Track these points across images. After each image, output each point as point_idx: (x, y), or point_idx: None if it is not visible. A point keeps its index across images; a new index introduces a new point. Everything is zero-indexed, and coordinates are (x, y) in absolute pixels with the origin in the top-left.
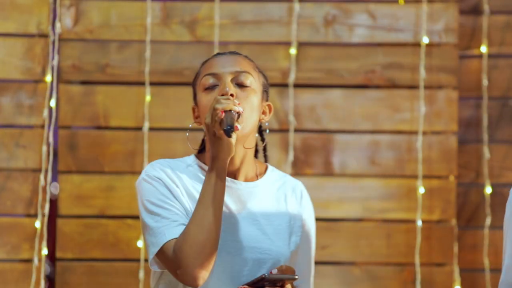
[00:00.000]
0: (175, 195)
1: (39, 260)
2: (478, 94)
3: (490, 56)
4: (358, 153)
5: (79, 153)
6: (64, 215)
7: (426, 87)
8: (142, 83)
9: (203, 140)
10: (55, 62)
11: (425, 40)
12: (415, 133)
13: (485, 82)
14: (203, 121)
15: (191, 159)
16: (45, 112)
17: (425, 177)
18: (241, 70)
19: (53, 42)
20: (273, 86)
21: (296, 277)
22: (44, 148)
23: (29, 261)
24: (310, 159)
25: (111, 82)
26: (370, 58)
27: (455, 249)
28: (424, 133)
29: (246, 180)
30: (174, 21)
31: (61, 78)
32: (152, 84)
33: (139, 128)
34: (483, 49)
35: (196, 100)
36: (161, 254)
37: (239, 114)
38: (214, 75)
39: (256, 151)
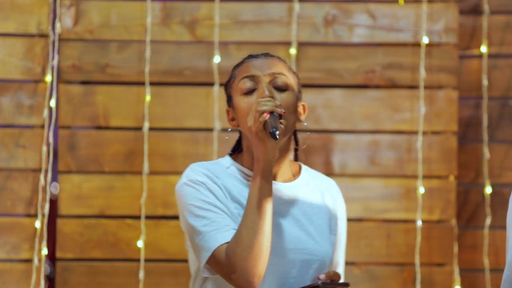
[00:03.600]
0: (219, 198)
1: (39, 260)
2: (478, 94)
3: (490, 56)
4: (358, 153)
5: (79, 153)
6: (64, 215)
7: (426, 87)
8: (142, 83)
9: (237, 141)
10: (55, 62)
11: (425, 40)
12: (415, 133)
13: (485, 82)
14: (241, 124)
15: (228, 161)
16: (45, 112)
17: (425, 177)
18: (277, 72)
19: (53, 42)
20: None
21: (349, 283)
22: (44, 148)
23: (29, 261)
24: (310, 159)
25: (111, 82)
26: (370, 58)
27: (455, 249)
28: (424, 133)
29: (285, 181)
30: (174, 21)
31: (61, 78)
32: (152, 84)
33: (139, 128)
34: (483, 49)
35: (231, 103)
36: (213, 258)
37: (281, 115)
38: (251, 77)
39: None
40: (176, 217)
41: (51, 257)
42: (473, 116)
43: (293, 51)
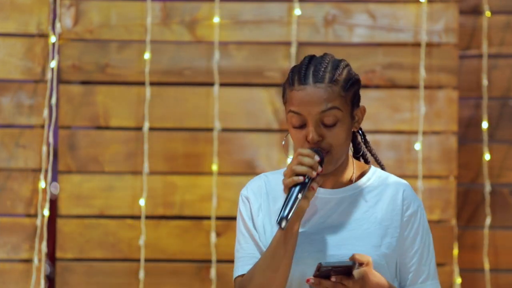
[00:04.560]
0: (254, 219)
1: (39, 260)
2: (478, 94)
3: (490, 56)
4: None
5: (79, 153)
6: (64, 215)
7: (426, 87)
8: (142, 83)
9: None
10: (55, 62)
11: (425, 40)
12: (415, 133)
13: (485, 82)
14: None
15: None
16: (45, 112)
17: (425, 177)
18: (326, 108)
19: (53, 42)
20: (273, 86)
21: (351, 263)
22: (44, 148)
23: (29, 261)
24: None
25: (111, 82)
26: (370, 58)
27: (455, 249)
28: (424, 133)
29: (336, 186)
30: (174, 21)
31: (61, 78)
32: (152, 84)
33: (139, 128)
34: (483, 49)
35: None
36: (235, 284)
37: (322, 158)
38: (299, 115)
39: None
40: (176, 217)
41: (51, 257)
42: (473, 116)
43: (293, 51)
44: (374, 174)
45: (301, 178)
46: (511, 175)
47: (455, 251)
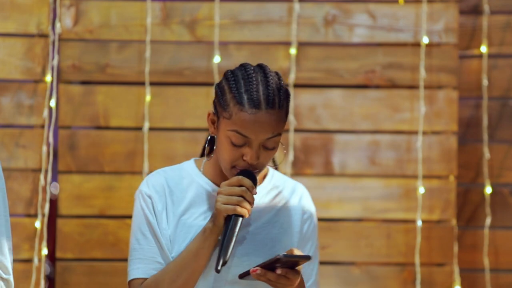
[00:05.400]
0: (158, 219)
1: (39, 260)
2: (478, 94)
3: (490, 56)
4: (358, 153)
5: (79, 153)
6: (64, 215)
7: (426, 87)
8: (142, 83)
9: (207, 142)
10: (55, 62)
11: (425, 40)
12: (415, 133)
13: (485, 82)
14: (218, 151)
15: (192, 166)
16: (45, 112)
17: (425, 177)
18: (272, 135)
19: (53, 42)
20: None
21: (310, 256)
22: (44, 148)
23: (29, 261)
24: (310, 159)
25: (111, 82)
26: (370, 58)
27: (455, 249)
28: (424, 133)
29: None
30: (174, 21)
31: (61, 78)
32: (152, 84)
33: (139, 128)
34: (483, 49)
35: (216, 117)
36: (130, 286)
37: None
38: (244, 137)
39: None
40: None
41: (51, 257)
42: (473, 116)
43: (293, 51)
44: (273, 177)
45: (245, 213)
46: (511, 175)
47: (455, 251)
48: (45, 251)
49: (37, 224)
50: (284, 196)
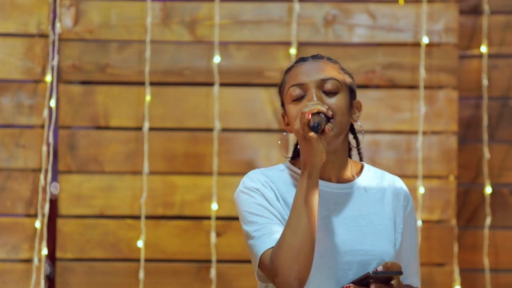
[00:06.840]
0: (272, 204)
1: (39, 260)
2: (478, 94)
3: (490, 56)
4: None
5: (79, 153)
6: (64, 215)
7: (426, 87)
8: (142, 83)
9: (295, 147)
10: (55, 62)
11: (425, 40)
12: (415, 133)
13: (485, 82)
14: (293, 129)
15: (283, 165)
16: (45, 112)
17: (425, 177)
18: (325, 77)
19: (53, 42)
20: (273, 86)
21: (402, 271)
22: (44, 148)
23: (29, 261)
24: None
25: (111, 82)
26: (370, 58)
27: (455, 249)
28: (424, 133)
29: (341, 181)
30: (174, 21)
31: (61, 78)
32: (152, 84)
33: (139, 128)
34: (483, 49)
35: (284, 108)
36: (261, 264)
37: (327, 116)
38: (300, 85)
39: (350, 149)
40: (176, 217)
41: (51, 257)
42: (473, 116)
43: (293, 51)
44: (369, 170)
45: (324, 109)
46: (511, 175)
47: (455, 251)
48: (45, 251)
49: (37, 224)
50: (385, 189)
